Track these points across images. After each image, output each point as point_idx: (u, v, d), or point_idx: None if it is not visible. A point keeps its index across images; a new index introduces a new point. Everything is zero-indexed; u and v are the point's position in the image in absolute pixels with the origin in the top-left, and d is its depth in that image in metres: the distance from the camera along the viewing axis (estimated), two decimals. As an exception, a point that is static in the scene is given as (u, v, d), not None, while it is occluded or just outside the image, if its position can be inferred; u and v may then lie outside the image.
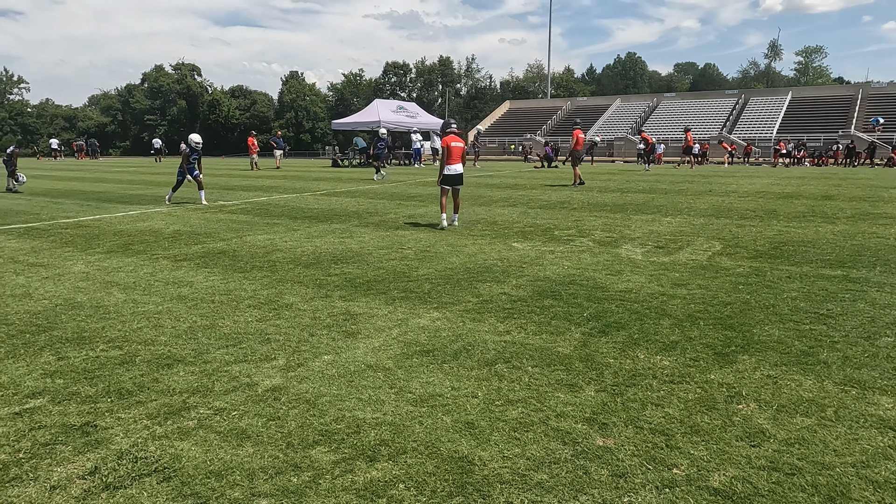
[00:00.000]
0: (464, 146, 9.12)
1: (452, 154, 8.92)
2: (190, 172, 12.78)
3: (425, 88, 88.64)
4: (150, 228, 9.34)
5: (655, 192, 14.58)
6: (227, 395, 3.28)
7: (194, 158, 12.81)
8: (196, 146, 12.84)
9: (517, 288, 5.49)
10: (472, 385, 3.38)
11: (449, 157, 8.90)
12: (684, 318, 4.55)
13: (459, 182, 9.09)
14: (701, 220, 9.67)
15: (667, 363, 3.66)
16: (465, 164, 9.07)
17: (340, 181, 20.04)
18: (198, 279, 5.97)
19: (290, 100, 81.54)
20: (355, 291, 5.43)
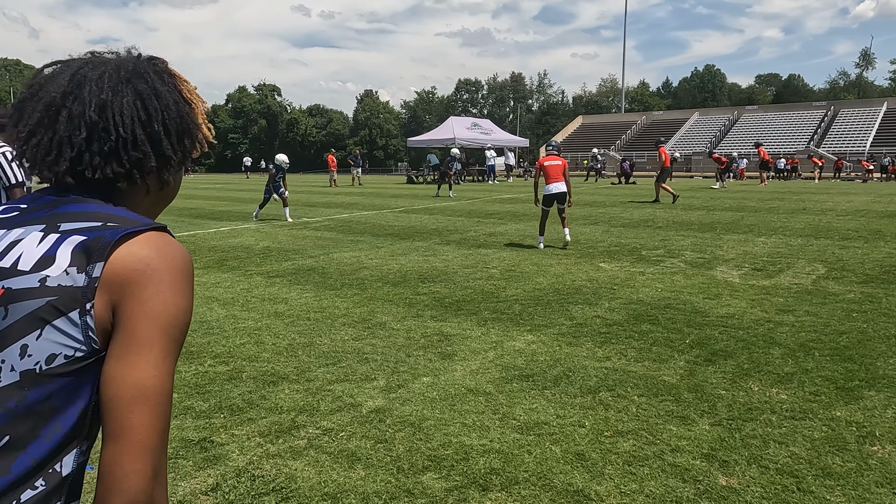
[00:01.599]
0: (563, 164, 9.05)
1: (549, 173, 8.91)
2: (276, 190, 13.26)
3: (497, 105, 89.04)
4: (241, 244, 9.71)
5: (744, 211, 13.99)
6: (333, 415, 3.32)
7: (280, 177, 13.30)
8: (283, 166, 13.35)
9: (611, 311, 5.35)
10: (578, 414, 3.29)
11: (546, 177, 8.91)
12: (796, 347, 4.30)
13: (561, 200, 9.04)
14: (798, 241, 9.18)
15: (784, 397, 3.46)
16: (568, 180, 8.98)
17: (417, 198, 20.29)
18: (292, 296, 6.13)
19: (364, 118, 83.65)
20: (446, 311, 5.44)
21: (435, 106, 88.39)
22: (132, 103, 1.00)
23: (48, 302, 0.87)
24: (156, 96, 1.03)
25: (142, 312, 0.88)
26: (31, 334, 0.87)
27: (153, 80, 1.04)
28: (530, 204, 16.85)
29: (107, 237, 0.91)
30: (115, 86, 1.00)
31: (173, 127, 1.04)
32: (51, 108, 0.98)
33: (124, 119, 0.98)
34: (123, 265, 0.90)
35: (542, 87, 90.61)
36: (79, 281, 0.88)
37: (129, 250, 0.91)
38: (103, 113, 0.97)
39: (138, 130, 0.99)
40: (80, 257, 0.90)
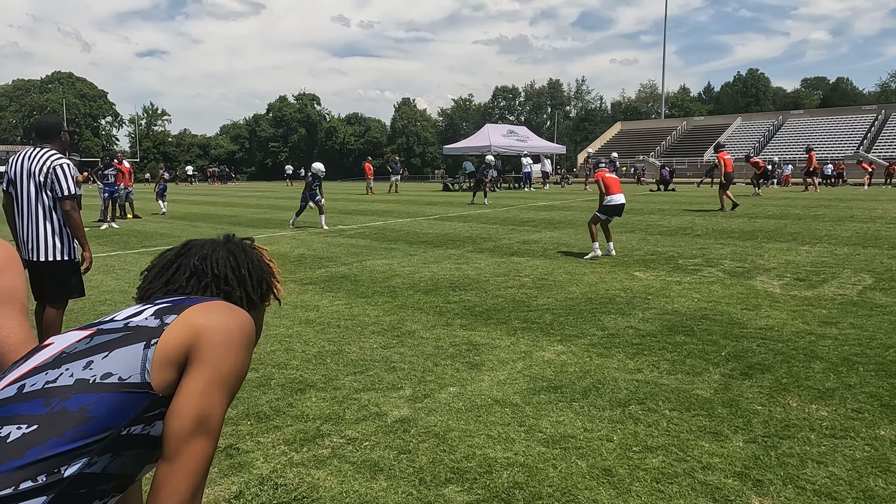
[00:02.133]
0: (618, 178, 9.10)
1: (611, 185, 8.83)
2: (312, 198, 13.44)
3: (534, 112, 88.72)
4: (277, 252, 9.84)
5: (788, 218, 13.59)
6: (358, 425, 3.32)
7: (316, 185, 13.48)
8: (319, 174, 13.53)
9: (644, 322, 5.23)
10: (606, 427, 3.21)
11: (609, 189, 8.80)
12: (839, 361, 4.13)
13: (620, 213, 8.98)
14: (845, 250, 8.86)
15: (824, 413, 3.31)
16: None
17: (452, 205, 20.31)
18: (323, 303, 6.18)
19: (401, 125, 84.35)
20: (475, 320, 5.40)
21: (472, 113, 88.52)
22: (225, 256, 1.34)
23: (123, 335, 1.07)
24: (244, 252, 1.38)
25: (212, 363, 1.07)
26: (99, 354, 1.05)
27: (242, 244, 1.41)
28: (566, 211, 16.69)
29: (187, 302, 1.16)
30: (215, 246, 1.36)
31: (255, 274, 1.37)
32: (168, 263, 1.33)
33: (219, 264, 1.32)
34: (197, 320, 1.10)
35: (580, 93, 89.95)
36: (153, 324, 1.09)
37: (205, 310, 1.14)
38: (204, 261, 1.31)
39: (229, 273, 1.32)
40: (162, 311, 1.13)
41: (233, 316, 1.15)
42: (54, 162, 4.00)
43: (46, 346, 1.11)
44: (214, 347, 1.08)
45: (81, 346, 1.06)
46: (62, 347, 1.07)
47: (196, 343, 1.07)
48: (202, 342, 1.07)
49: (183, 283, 1.29)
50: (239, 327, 1.13)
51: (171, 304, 1.15)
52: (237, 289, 1.31)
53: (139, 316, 1.12)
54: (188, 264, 1.31)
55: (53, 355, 1.06)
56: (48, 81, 77.09)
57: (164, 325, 1.08)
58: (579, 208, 17.94)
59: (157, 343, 1.05)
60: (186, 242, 1.40)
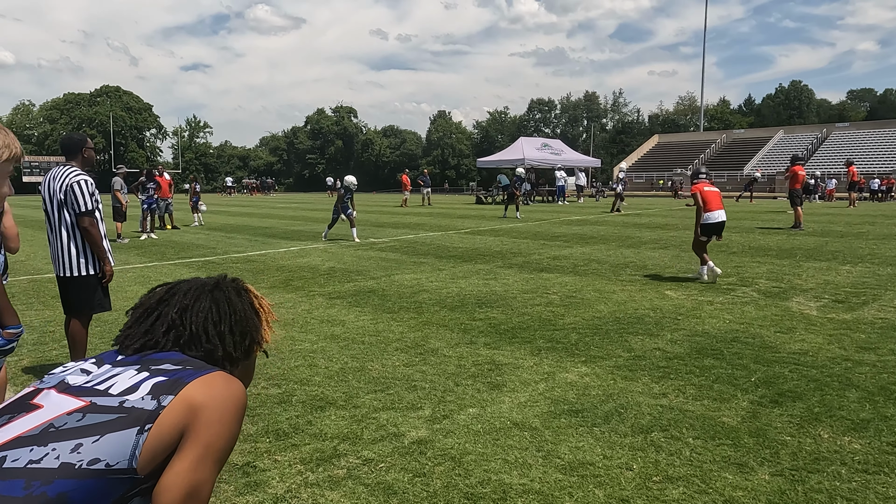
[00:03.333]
0: (719, 192, 8.38)
1: (710, 200, 8.07)
2: (343, 211, 13.56)
3: (570, 124, 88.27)
4: (308, 265, 9.96)
5: (829, 236, 13.19)
6: (375, 445, 3.31)
7: (348, 198, 13.61)
8: (351, 187, 13.66)
9: (672, 343, 5.12)
10: (627, 455, 3.14)
11: (707, 204, 8.04)
12: (875, 390, 3.96)
13: (720, 231, 8.22)
14: (888, 270, 8.54)
15: (857, 447, 3.18)
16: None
17: (484, 219, 20.29)
18: (350, 318, 6.21)
19: (437, 138, 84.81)
20: (500, 339, 5.36)
21: (507, 126, 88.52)
22: (207, 308, 1.29)
23: (118, 417, 1.05)
24: (228, 304, 1.32)
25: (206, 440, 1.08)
26: (90, 437, 1.02)
27: (229, 294, 1.34)
28: (599, 226, 16.51)
29: (184, 378, 1.13)
30: (198, 295, 1.31)
31: (238, 328, 1.31)
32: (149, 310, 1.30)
33: (198, 319, 1.27)
34: (195, 400, 1.09)
35: (617, 105, 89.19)
36: (149, 406, 1.07)
37: (202, 388, 1.12)
38: (184, 314, 1.27)
39: (210, 329, 1.28)
40: (159, 390, 1.10)
41: (229, 390, 1.14)
42: (72, 179, 4.12)
43: (33, 406, 1.07)
44: (210, 425, 1.08)
45: (72, 423, 1.03)
46: (51, 418, 1.04)
47: (192, 423, 1.07)
48: (198, 422, 1.07)
49: (160, 338, 1.25)
50: (234, 401, 1.13)
51: (167, 379, 1.12)
52: (217, 347, 1.27)
53: (135, 393, 1.09)
54: (167, 315, 1.28)
55: (41, 426, 1.03)
56: (97, 95, 79.82)
57: (160, 407, 1.06)
58: (612, 223, 17.73)
59: (150, 428, 1.04)
60: (172, 286, 1.35)
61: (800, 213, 15.21)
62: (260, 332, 1.38)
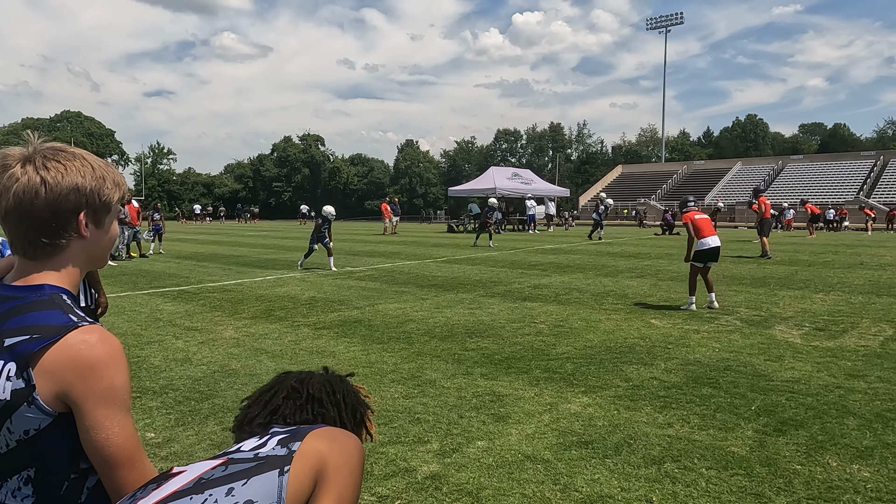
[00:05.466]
0: (710, 218, 8.55)
1: (702, 227, 8.20)
2: (321, 240, 13.47)
3: (536, 154, 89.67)
4: (287, 294, 9.80)
5: (797, 265, 13.57)
6: (388, 481, 3.23)
7: (325, 228, 13.54)
8: (329, 217, 13.68)
9: (667, 372, 5.16)
10: (644, 487, 3.13)
11: (700, 231, 8.18)
12: (872, 417, 4.05)
13: (716, 257, 8.30)
14: (860, 298, 8.81)
15: (867, 474, 3.23)
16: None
17: (458, 247, 20.33)
18: (339, 349, 6.11)
19: (404, 166, 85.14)
20: (496, 369, 5.33)
21: (474, 155, 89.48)
22: (321, 381, 1.39)
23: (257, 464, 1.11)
24: (340, 381, 1.43)
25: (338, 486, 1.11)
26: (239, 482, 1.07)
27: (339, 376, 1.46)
28: (573, 255, 16.69)
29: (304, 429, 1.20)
30: (312, 374, 1.42)
31: (350, 401, 1.39)
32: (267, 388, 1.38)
33: (314, 387, 1.37)
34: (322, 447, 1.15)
35: (581, 136, 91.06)
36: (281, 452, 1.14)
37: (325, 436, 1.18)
38: (301, 383, 1.36)
39: (324, 396, 1.35)
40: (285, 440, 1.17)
41: (349, 440, 1.19)
42: None
43: (177, 473, 1.11)
44: (339, 471, 1.12)
45: (219, 473, 1.08)
46: (199, 473, 1.09)
47: (323, 468, 1.10)
48: (329, 468, 1.11)
49: (280, 403, 1.33)
50: (357, 450, 1.18)
51: (289, 433, 1.18)
52: (331, 410, 1.34)
53: (265, 447, 1.14)
54: (286, 385, 1.37)
55: (192, 480, 1.07)
56: (57, 120, 78.17)
57: (291, 452, 1.11)
58: (586, 252, 17.95)
59: (289, 471, 1.08)
60: (285, 373, 1.45)
61: (766, 242, 15.63)
62: (367, 413, 1.45)
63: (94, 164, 1.16)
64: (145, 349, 6.18)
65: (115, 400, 1.09)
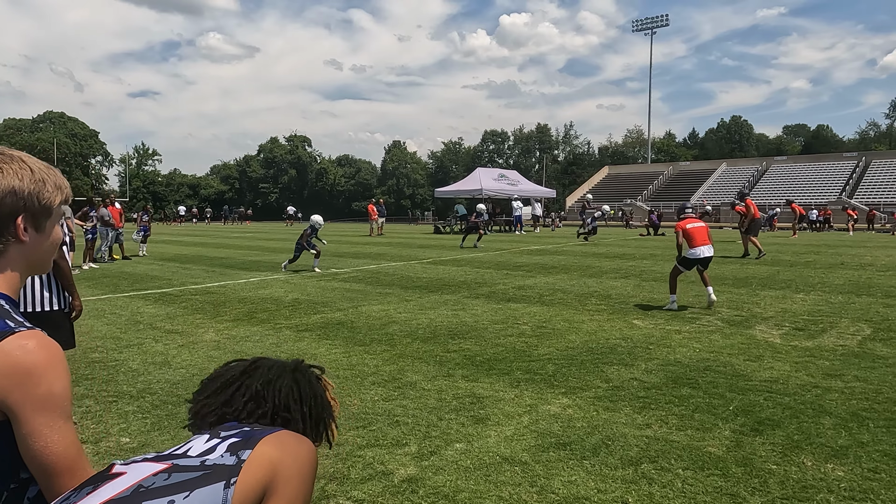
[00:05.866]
0: (706, 226, 8.52)
1: (695, 236, 8.28)
2: (309, 248, 13.34)
3: (523, 155, 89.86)
4: (270, 296, 9.74)
5: (780, 265, 13.69)
6: (364, 485, 3.21)
7: (313, 236, 13.62)
8: (316, 226, 13.74)
9: (648, 373, 5.18)
10: (620, 488, 3.13)
11: (692, 240, 8.26)
12: (848, 417, 4.08)
13: (705, 265, 8.41)
14: (839, 298, 8.90)
15: (841, 473, 3.25)
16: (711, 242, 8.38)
17: (444, 248, 20.32)
18: (321, 351, 6.07)
19: (392, 167, 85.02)
20: (477, 371, 5.32)
21: (461, 156, 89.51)
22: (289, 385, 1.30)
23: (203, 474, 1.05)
24: (310, 385, 1.34)
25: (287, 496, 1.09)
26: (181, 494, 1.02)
27: (309, 376, 1.36)
28: (559, 256, 16.73)
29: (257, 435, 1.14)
30: (281, 372, 1.32)
31: (315, 412, 1.32)
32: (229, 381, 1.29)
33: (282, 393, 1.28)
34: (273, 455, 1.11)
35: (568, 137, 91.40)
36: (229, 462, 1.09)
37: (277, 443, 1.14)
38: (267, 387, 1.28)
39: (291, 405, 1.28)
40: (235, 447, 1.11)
41: (302, 446, 1.15)
42: None
43: (116, 474, 1.06)
44: (290, 481, 1.08)
45: (160, 482, 1.03)
46: (138, 479, 1.03)
47: (274, 479, 1.07)
48: (279, 477, 1.07)
49: (240, 407, 1.26)
50: (308, 457, 1.14)
51: (242, 438, 1.13)
52: (295, 420, 1.28)
53: (213, 453, 1.09)
54: (251, 387, 1.28)
55: (130, 487, 1.02)
56: (39, 121, 77.28)
57: (240, 461, 1.06)
58: (572, 253, 18.00)
59: (236, 482, 1.04)
60: (254, 360, 1.37)
61: (756, 241, 15.78)
62: (332, 422, 1.39)
63: (33, 167, 1.13)
64: (124, 352, 6.11)
65: (54, 407, 1.06)
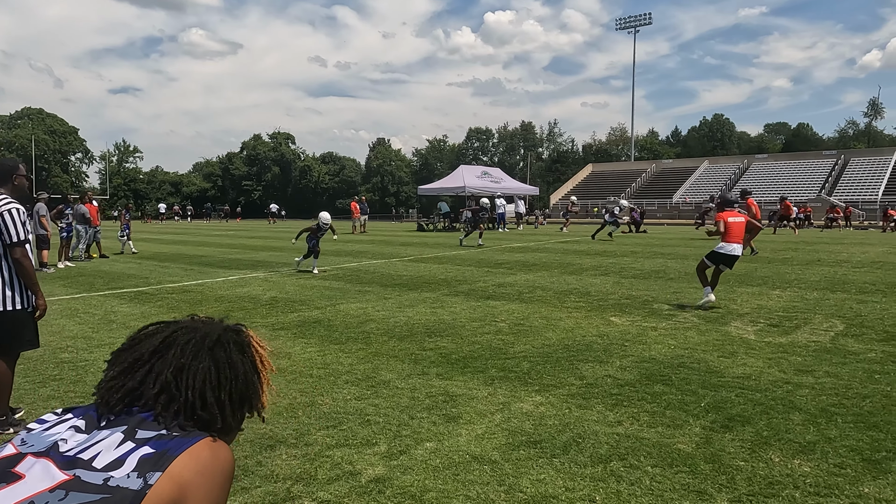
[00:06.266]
0: (745, 220, 8.26)
1: (732, 231, 8.02)
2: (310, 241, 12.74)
3: (507, 153, 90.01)
4: (248, 294, 9.65)
5: (758, 262, 13.82)
6: (331, 485, 3.17)
7: (321, 234, 12.92)
8: (322, 225, 12.95)
9: (622, 370, 5.18)
10: (588, 486, 3.12)
11: (728, 234, 8.01)
12: (817, 412, 4.11)
13: (730, 264, 8.21)
14: (815, 295, 8.99)
15: (807, 469, 3.27)
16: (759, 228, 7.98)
17: (427, 246, 20.28)
18: (296, 350, 6.02)
19: (376, 165, 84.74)
20: (452, 369, 5.29)
21: (446, 154, 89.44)
22: (206, 370, 1.16)
23: (102, 498, 0.96)
24: (229, 366, 1.19)
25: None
26: None
27: (231, 350, 1.21)
28: (541, 253, 16.76)
29: (172, 451, 1.04)
30: (198, 352, 1.17)
31: (237, 395, 1.19)
32: (139, 361, 1.16)
33: (196, 382, 1.15)
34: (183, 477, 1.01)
35: (552, 135, 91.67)
36: (135, 485, 0.98)
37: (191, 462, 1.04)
38: (179, 375, 1.14)
39: (207, 396, 1.15)
40: (145, 466, 1.01)
41: (217, 461, 1.06)
42: (2, 208, 3.85)
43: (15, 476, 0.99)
44: (198, 501, 1.02)
45: (54, 502, 0.96)
46: (31, 495, 0.96)
47: (181, 500, 1.00)
48: (187, 499, 1.01)
49: (151, 400, 1.13)
50: (222, 473, 1.06)
51: (154, 452, 1.03)
52: (215, 418, 1.15)
53: (120, 469, 1.00)
54: (161, 375, 1.14)
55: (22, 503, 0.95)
56: (17, 117, 76.08)
57: (147, 486, 0.99)
58: (553, 250, 18.05)
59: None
60: (170, 334, 1.21)
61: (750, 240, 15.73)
62: (260, 396, 1.25)
63: None
64: (94, 352, 6.00)
65: None
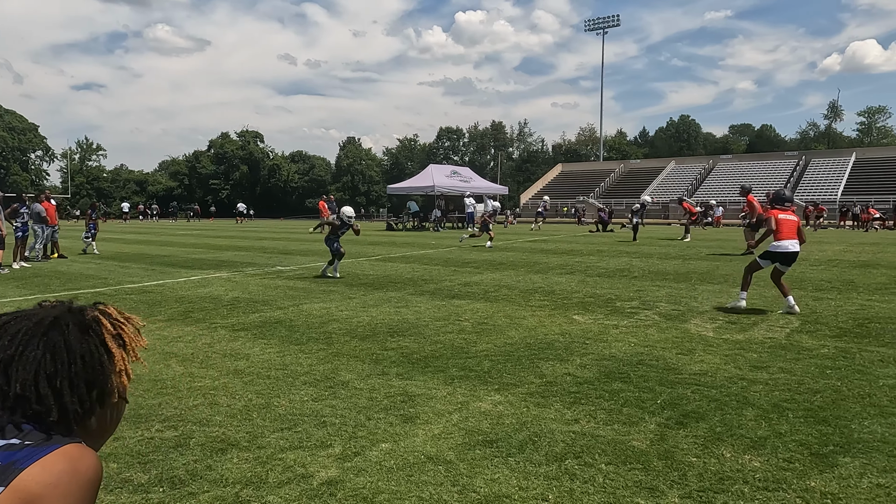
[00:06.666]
0: (797, 220, 7.79)
1: (783, 228, 7.61)
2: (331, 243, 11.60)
3: (478, 152, 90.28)
4: (210, 295, 9.47)
5: (720, 260, 14.06)
6: (281, 489, 3.11)
7: (343, 231, 11.77)
8: (346, 220, 11.63)
9: (582, 368, 5.21)
10: (542, 485, 3.11)
11: (779, 232, 7.62)
12: (769, 408, 4.17)
13: (790, 262, 7.79)
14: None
15: (757, 464, 3.31)
16: (803, 240, 7.65)
17: (395, 245, 20.19)
18: (255, 351, 5.91)
19: (346, 164, 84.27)
20: (412, 368, 5.26)
21: (417, 153, 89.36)
22: (39, 357, 1.03)
23: None
24: (67, 349, 1.05)
25: None
26: None
27: (69, 332, 1.07)
28: (508, 252, 16.81)
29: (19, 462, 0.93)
30: (29, 339, 1.04)
31: (79, 379, 1.05)
32: None
33: (26, 374, 1.01)
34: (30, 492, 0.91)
35: (522, 135, 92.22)
36: None
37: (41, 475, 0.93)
38: (7, 368, 1.01)
39: (41, 386, 1.02)
40: None
41: (73, 473, 0.95)
42: None
43: None
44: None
45: None
46: None
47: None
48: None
49: None
50: (80, 484, 0.95)
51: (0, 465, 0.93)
52: (51, 409, 1.01)
53: None
54: None
55: None
56: (-27, 113, 73.78)
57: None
58: (521, 249, 18.13)
59: None
60: (1, 325, 1.07)
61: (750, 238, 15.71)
62: (112, 379, 1.10)
63: None
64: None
65: None
